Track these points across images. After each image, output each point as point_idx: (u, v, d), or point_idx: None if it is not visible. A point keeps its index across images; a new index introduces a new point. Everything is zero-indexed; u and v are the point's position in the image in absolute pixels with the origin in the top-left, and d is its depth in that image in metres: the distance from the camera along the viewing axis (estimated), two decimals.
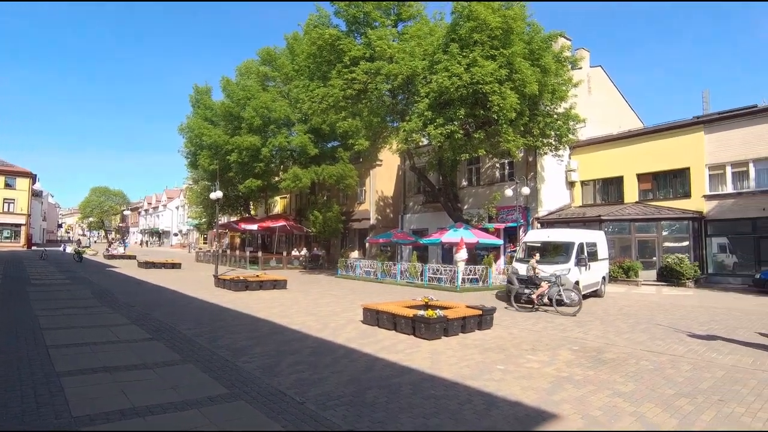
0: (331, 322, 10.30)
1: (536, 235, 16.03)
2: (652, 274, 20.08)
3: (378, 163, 30.73)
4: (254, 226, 33.02)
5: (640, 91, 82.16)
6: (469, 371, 6.44)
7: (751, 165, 19.21)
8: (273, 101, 28.85)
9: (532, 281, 13.24)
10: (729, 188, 19.83)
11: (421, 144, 20.89)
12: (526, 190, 20.01)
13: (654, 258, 20.46)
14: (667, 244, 20.48)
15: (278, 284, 16.85)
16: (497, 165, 24.59)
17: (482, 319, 9.39)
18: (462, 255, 17.37)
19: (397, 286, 18.61)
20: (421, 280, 18.85)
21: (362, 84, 18.87)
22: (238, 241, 46.03)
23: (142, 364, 6.36)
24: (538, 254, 14.20)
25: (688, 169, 20.79)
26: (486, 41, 15.94)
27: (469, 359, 7.11)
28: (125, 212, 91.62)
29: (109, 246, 42.81)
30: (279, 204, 43.47)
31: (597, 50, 78.12)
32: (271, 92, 30.24)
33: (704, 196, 20.28)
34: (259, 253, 30.05)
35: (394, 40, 19.48)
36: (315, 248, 32.94)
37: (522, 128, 18.07)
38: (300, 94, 22.14)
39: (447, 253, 23.50)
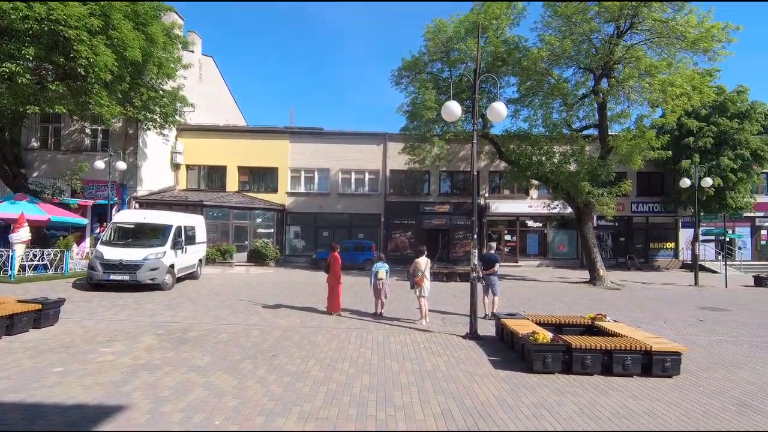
0: None
1: (130, 216, 14.55)
2: (245, 256, 22.66)
3: None
4: None
5: (245, 90, 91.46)
6: (9, 383, 4.95)
7: (316, 172, 25.33)
8: None
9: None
10: (302, 188, 25.31)
11: None
12: (122, 165, 17.77)
13: (247, 242, 23.17)
14: (259, 230, 23.71)
15: None
16: (87, 130, 20.61)
17: (42, 315, 7.51)
18: (22, 235, 13.31)
19: None
20: None
21: None
22: None
23: None
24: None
25: (277, 168, 24.98)
26: None
27: (11, 368, 5.48)
28: None
29: None
30: None
31: (211, 42, 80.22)
32: None
33: (287, 193, 24.93)
34: None
35: None
36: None
37: (121, 95, 15.95)
38: None
39: (3, 232, 17.47)
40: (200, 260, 16.40)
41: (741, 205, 22.58)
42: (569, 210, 19.62)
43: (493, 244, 10.66)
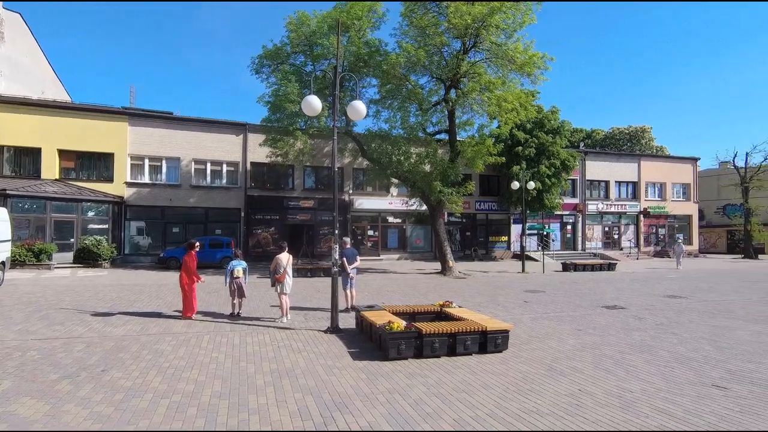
0: None
1: None
2: (70, 256, 19.05)
3: None
4: None
5: (71, 62, 77.05)
6: None
7: (164, 161, 22.62)
8: None
9: None
10: (146, 178, 22.34)
11: None
12: None
13: (73, 240, 19.48)
14: (91, 225, 20.17)
15: None
16: None
17: None
18: None
19: None
20: None
21: None
22: None
23: None
24: None
25: (113, 154, 21.58)
26: None
27: None
28: None
29: None
30: None
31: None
32: None
33: (126, 183, 21.70)
34: None
35: None
36: None
37: None
38: None
39: None
40: (2, 263, 13.26)
41: (554, 205, 27.51)
42: (425, 207, 21.30)
43: (347, 239, 10.83)
